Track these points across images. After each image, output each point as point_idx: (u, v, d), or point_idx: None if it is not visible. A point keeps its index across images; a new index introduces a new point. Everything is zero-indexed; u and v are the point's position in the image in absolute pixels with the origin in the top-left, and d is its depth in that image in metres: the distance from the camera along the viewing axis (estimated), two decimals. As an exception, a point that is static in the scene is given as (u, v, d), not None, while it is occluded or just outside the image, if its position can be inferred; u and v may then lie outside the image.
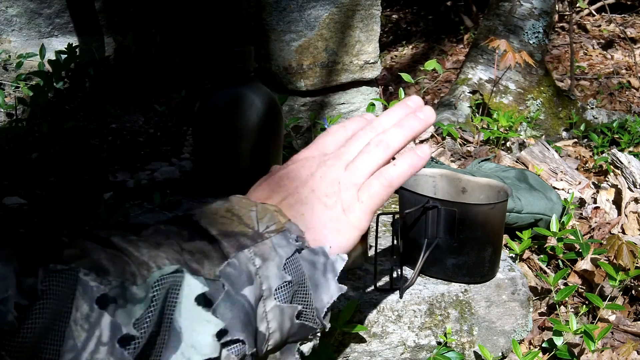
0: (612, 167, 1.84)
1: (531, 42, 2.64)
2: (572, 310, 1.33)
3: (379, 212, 1.46)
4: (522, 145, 2.22)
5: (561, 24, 4.35)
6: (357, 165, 0.60)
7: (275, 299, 0.52)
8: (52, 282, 0.41)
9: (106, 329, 0.42)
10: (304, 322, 0.55)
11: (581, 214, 1.71)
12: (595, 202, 1.76)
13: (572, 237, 1.45)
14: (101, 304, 0.43)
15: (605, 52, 3.91)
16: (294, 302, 0.54)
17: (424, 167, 0.66)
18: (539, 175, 1.78)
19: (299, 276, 0.54)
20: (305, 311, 0.55)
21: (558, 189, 1.76)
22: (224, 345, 0.49)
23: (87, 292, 0.42)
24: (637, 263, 1.32)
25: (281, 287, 0.53)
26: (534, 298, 1.35)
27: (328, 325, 0.56)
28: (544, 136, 2.52)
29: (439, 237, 1.11)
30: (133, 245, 0.48)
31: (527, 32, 2.64)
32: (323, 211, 0.58)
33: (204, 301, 0.48)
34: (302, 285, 0.54)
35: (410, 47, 4.49)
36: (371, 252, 1.20)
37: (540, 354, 1.17)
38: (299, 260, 0.54)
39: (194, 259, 0.50)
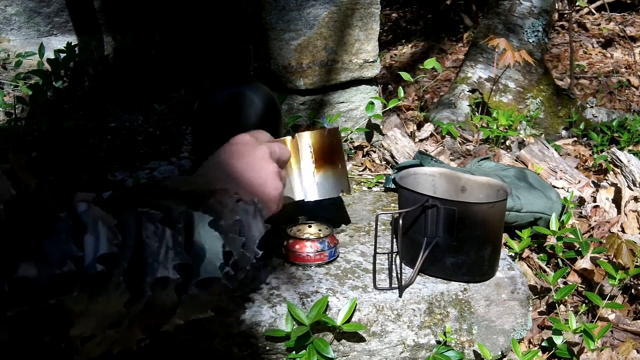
0: (611, 165, 1.84)
1: (531, 40, 2.64)
2: (572, 309, 1.33)
3: (378, 211, 1.46)
4: (521, 144, 2.22)
5: (561, 23, 4.35)
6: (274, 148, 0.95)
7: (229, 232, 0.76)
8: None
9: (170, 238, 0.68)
10: (245, 251, 0.78)
11: (581, 212, 1.71)
12: (594, 200, 1.76)
13: (572, 236, 1.45)
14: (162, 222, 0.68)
15: (604, 50, 3.91)
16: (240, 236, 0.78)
17: (424, 166, 0.68)
18: (538, 174, 1.78)
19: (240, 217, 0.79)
20: (246, 243, 0.78)
21: (557, 188, 1.76)
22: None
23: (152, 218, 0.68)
24: (636, 262, 1.32)
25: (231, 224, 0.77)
26: (534, 297, 1.35)
27: (260, 253, 0.81)
28: (543, 135, 2.52)
29: (439, 236, 1.11)
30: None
31: (526, 31, 2.64)
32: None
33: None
34: (241, 225, 0.79)
35: (410, 45, 4.49)
36: (370, 251, 1.20)
37: (540, 353, 1.17)
38: (238, 207, 0.80)
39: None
